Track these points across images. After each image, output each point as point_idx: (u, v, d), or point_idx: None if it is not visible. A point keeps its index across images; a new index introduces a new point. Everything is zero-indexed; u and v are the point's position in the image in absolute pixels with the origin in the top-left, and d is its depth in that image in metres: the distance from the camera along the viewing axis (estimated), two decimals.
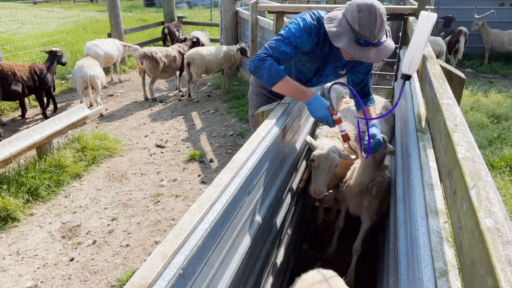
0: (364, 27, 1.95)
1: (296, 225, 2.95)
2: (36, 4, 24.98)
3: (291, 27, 2.22)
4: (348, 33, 2.00)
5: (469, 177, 1.02)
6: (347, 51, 2.01)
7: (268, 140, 1.89)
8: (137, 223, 3.75)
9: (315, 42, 2.26)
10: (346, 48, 2.00)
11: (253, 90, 2.91)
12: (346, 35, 2.00)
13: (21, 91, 5.79)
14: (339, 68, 2.47)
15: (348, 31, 2.00)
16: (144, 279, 0.99)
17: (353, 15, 1.97)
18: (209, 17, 16.80)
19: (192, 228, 1.19)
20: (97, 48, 7.52)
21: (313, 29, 2.22)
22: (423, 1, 4.10)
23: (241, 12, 8.12)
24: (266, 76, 2.14)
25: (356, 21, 1.96)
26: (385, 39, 2.05)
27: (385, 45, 2.05)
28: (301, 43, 2.21)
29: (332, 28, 2.06)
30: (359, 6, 1.97)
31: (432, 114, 1.80)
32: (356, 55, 2.01)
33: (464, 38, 8.61)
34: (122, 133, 5.92)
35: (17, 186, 4.05)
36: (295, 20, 2.26)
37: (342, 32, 2.02)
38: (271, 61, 2.14)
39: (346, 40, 2.01)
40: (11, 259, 3.28)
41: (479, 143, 5.13)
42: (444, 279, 1.07)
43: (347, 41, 2.00)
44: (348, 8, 2.02)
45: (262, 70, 2.14)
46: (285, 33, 2.21)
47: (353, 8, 1.98)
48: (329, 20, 2.11)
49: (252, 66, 2.18)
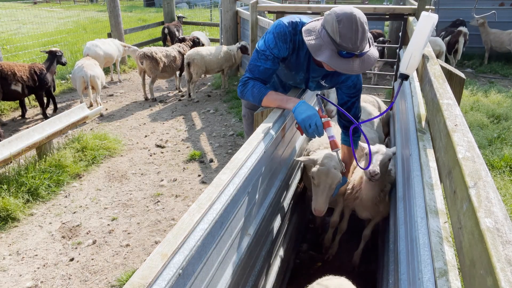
0: (346, 38, 1.82)
1: (295, 225, 2.95)
2: (36, 4, 24.99)
3: (266, 38, 2.19)
4: (329, 45, 1.86)
5: (469, 177, 1.02)
6: (330, 64, 1.88)
7: (268, 140, 1.89)
8: (137, 223, 3.75)
9: (290, 48, 2.18)
10: (328, 61, 1.87)
11: (247, 112, 2.91)
12: (327, 48, 1.87)
13: (21, 91, 5.79)
14: (318, 78, 2.36)
15: (328, 43, 1.86)
16: (143, 279, 0.99)
17: (333, 26, 1.83)
18: (209, 17, 16.81)
19: (191, 228, 1.19)
20: (97, 48, 7.52)
21: (287, 35, 2.14)
22: (423, 1, 4.10)
23: (241, 12, 8.12)
24: (251, 97, 2.25)
25: (336, 33, 1.83)
26: (368, 48, 1.91)
27: (368, 55, 1.91)
28: (277, 52, 2.17)
29: (311, 40, 1.92)
30: (338, 16, 1.83)
31: (432, 114, 1.80)
32: (339, 68, 1.89)
33: (464, 38, 8.60)
34: (122, 133, 5.92)
35: (17, 186, 4.05)
36: (270, 27, 2.21)
37: (322, 44, 1.88)
38: (253, 82, 2.23)
39: (327, 53, 1.87)
40: (11, 259, 3.28)
41: (479, 143, 5.13)
42: (444, 279, 1.07)
43: (328, 54, 1.87)
44: (327, 18, 1.88)
45: (247, 93, 2.26)
46: (260, 47, 2.20)
47: (332, 18, 1.85)
48: (308, 32, 1.96)
49: (239, 92, 2.32)
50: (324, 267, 3.07)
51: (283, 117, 2.23)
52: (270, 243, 2.12)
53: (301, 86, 2.51)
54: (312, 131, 2.05)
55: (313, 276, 1.93)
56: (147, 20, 16.38)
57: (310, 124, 2.04)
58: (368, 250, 3.10)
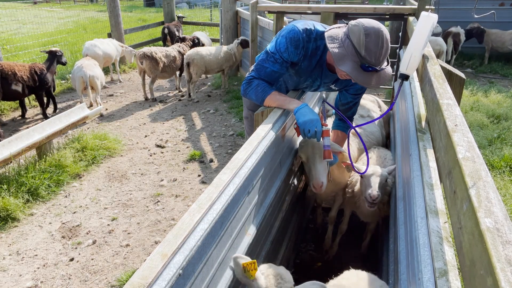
0: (371, 53, 1.86)
1: (295, 225, 2.95)
2: (36, 4, 24.99)
3: (278, 42, 2.18)
4: (352, 56, 1.90)
5: (469, 177, 1.02)
6: (351, 76, 1.92)
7: (268, 140, 1.89)
8: (137, 223, 3.75)
9: (302, 54, 2.18)
10: (350, 73, 1.91)
11: (248, 114, 2.91)
12: (350, 59, 1.90)
13: (21, 91, 5.79)
14: (329, 83, 2.40)
15: (352, 54, 1.89)
16: (143, 279, 0.99)
17: (360, 38, 1.86)
18: (209, 17, 16.81)
19: (191, 228, 1.19)
20: (96, 48, 7.53)
21: (300, 41, 2.14)
22: (423, 1, 4.10)
23: (241, 12, 8.12)
24: (254, 96, 2.27)
25: (362, 46, 1.86)
26: (386, 65, 1.98)
27: (385, 71, 1.97)
28: (287, 56, 2.17)
29: (335, 49, 1.94)
30: (366, 30, 1.85)
31: (432, 114, 1.80)
32: (359, 80, 1.93)
33: (454, 39, 8.59)
34: (122, 133, 5.92)
35: (17, 186, 4.05)
36: (284, 31, 2.20)
37: (345, 54, 1.91)
38: (257, 82, 2.23)
39: (350, 64, 1.90)
40: (11, 259, 3.28)
41: (479, 143, 5.13)
42: (444, 279, 1.07)
43: (351, 66, 1.90)
44: (353, 29, 1.90)
45: (250, 92, 2.27)
46: (271, 49, 2.20)
47: (359, 30, 1.86)
48: (331, 39, 1.98)
49: (242, 90, 2.33)
50: (324, 267, 3.07)
51: (283, 117, 2.23)
52: (270, 243, 2.12)
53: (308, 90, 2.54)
54: (310, 136, 2.08)
55: (313, 276, 1.93)
56: (147, 20, 16.38)
57: (310, 129, 2.06)
58: (368, 250, 3.10)
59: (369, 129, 3.15)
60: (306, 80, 2.37)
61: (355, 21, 1.93)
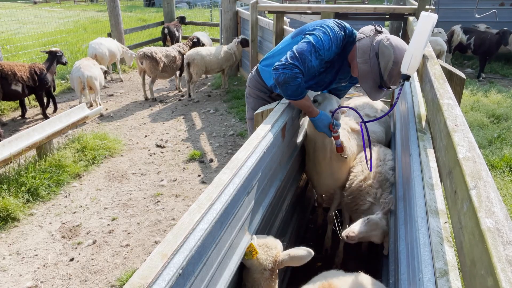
0: (391, 78, 2.02)
1: (296, 225, 2.95)
2: (36, 4, 24.99)
3: (323, 38, 2.13)
4: (374, 76, 2.02)
5: (469, 177, 1.01)
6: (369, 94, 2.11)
7: (268, 140, 1.89)
8: (137, 223, 3.75)
9: (337, 53, 2.25)
10: (369, 91, 2.09)
11: (251, 93, 2.86)
12: (372, 78, 2.04)
13: (21, 91, 5.79)
14: (343, 80, 2.51)
15: (375, 75, 2.02)
16: (143, 279, 0.99)
17: (388, 64, 1.98)
18: (209, 17, 16.81)
19: (191, 228, 1.19)
20: (102, 46, 7.61)
21: (341, 40, 2.20)
22: (423, 1, 4.10)
23: (241, 12, 8.12)
24: (290, 92, 2.16)
25: (387, 71, 2.00)
26: None
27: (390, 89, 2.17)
28: (328, 56, 2.19)
29: (362, 64, 2.08)
30: (396, 58, 1.98)
31: (433, 114, 1.79)
32: (373, 97, 2.13)
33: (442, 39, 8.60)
34: (122, 133, 5.92)
35: (17, 186, 4.05)
36: (323, 28, 2.17)
37: (369, 71, 2.03)
38: (301, 80, 2.13)
39: (370, 84, 2.07)
40: (11, 259, 3.28)
41: (479, 143, 5.13)
42: (444, 279, 1.07)
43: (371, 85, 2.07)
44: (384, 51, 1.99)
45: (290, 86, 2.13)
46: (316, 44, 2.12)
47: (390, 56, 1.97)
48: (361, 54, 2.09)
49: (282, 79, 2.10)
50: (324, 267, 3.06)
51: (283, 117, 2.23)
52: None
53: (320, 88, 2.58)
54: None
55: (313, 276, 1.93)
56: (147, 20, 16.38)
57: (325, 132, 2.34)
58: (368, 250, 3.09)
59: (371, 128, 3.14)
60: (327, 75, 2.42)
61: (388, 40, 2.02)
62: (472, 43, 8.68)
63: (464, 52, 8.94)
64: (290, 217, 2.76)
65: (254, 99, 2.83)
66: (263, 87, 2.76)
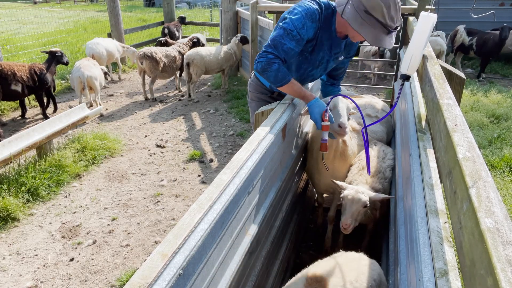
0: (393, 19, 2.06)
1: (296, 225, 2.95)
2: (36, 4, 24.98)
3: (293, 19, 2.16)
4: (378, 29, 2.05)
5: (469, 177, 1.02)
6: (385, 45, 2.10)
7: (268, 140, 1.89)
8: (137, 223, 3.75)
9: (318, 27, 2.24)
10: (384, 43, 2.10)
11: (252, 97, 2.88)
12: (377, 32, 2.05)
13: (21, 91, 5.79)
14: (339, 54, 2.47)
15: (379, 27, 2.05)
16: (144, 279, 0.99)
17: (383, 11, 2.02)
18: (209, 17, 16.81)
19: (192, 228, 1.19)
20: (99, 46, 7.59)
21: (316, 14, 2.19)
22: (423, 1, 4.10)
23: (241, 12, 8.12)
24: (273, 78, 2.21)
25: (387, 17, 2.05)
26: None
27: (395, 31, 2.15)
28: (305, 33, 2.19)
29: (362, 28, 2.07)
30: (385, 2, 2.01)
31: (432, 114, 1.80)
32: (388, 45, 2.11)
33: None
34: (122, 133, 5.92)
35: (17, 186, 4.05)
36: (295, 10, 2.21)
37: (372, 29, 2.05)
38: (278, 65, 2.17)
39: (380, 36, 2.07)
40: (11, 259, 3.28)
41: (479, 143, 5.13)
42: (444, 279, 1.07)
43: (381, 37, 2.07)
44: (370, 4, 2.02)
45: (269, 73, 2.19)
46: (288, 26, 2.16)
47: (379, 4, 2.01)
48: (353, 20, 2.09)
49: (260, 67, 2.20)
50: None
51: (284, 117, 2.23)
52: (270, 243, 2.12)
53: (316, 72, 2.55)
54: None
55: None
56: (147, 20, 16.38)
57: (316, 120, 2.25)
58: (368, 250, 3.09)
59: (372, 128, 3.14)
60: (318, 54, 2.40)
61: None
62: (474, 44, 8.67)
63: (466, 53, 8.91)
64: (290, 217, 2.76)
65: (256, 102, 2.84)
66: (263, 89, 2.78)
